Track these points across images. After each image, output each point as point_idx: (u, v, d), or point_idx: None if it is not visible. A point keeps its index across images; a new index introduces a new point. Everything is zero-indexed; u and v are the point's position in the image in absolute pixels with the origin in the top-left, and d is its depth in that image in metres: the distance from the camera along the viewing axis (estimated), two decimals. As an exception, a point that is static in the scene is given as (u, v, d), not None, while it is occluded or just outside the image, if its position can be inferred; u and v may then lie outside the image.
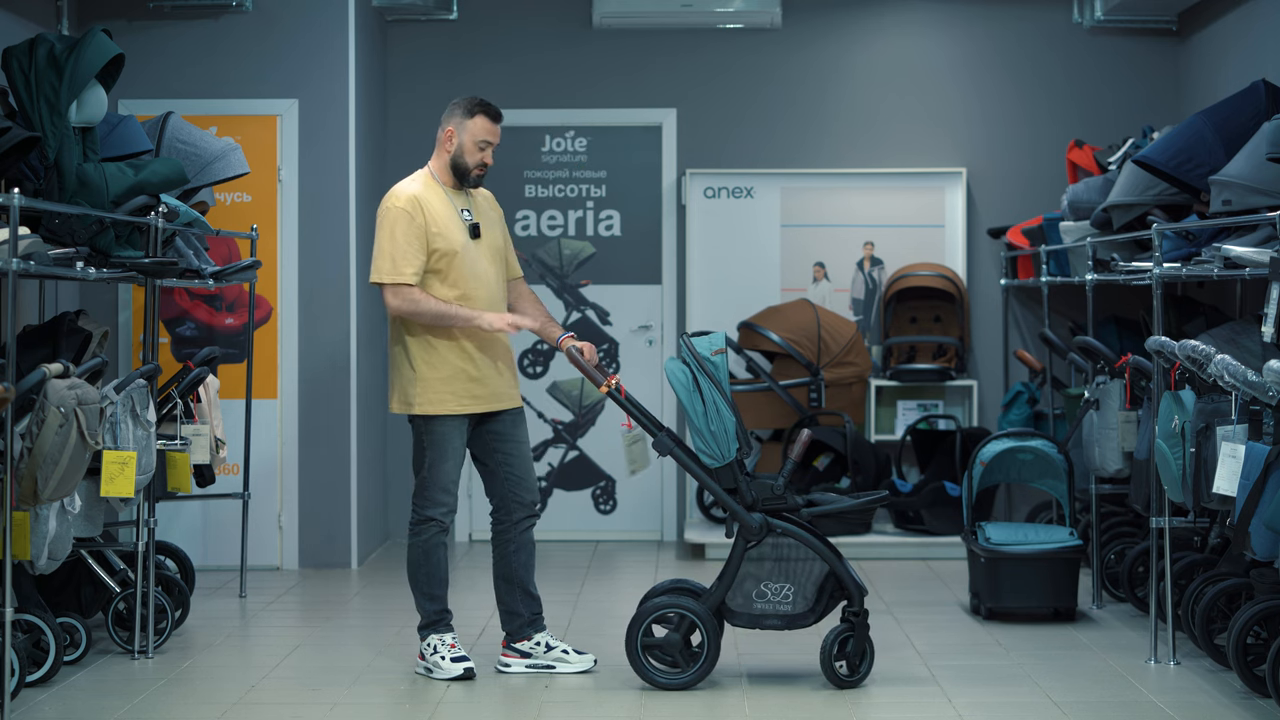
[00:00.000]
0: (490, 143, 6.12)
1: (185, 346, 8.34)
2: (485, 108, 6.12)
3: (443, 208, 6.07)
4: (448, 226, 6.04)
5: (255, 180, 8.33)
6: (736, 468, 5.88)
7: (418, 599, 6.15)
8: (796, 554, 5.86)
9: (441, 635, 6.11)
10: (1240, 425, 5.41)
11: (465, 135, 6.10)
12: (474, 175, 6.14)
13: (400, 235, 5.98)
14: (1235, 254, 5.84)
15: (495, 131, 6.14)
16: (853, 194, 9.40)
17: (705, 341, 5.92)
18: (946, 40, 9.49)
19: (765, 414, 8.95)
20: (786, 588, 5.87)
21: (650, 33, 9.42)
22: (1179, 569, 6.46)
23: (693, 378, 5.84)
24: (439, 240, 6.01)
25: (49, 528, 5.64)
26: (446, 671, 6.04)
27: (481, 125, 6.10)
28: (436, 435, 6.06)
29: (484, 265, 6.12)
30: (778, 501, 5.89)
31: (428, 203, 6.04)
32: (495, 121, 6.13)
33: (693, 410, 5.83)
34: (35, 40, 6.18)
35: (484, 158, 6.12)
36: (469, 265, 6.05)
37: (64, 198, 6.17)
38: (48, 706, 5.65)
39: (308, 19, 8.46)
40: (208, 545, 8.35)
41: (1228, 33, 8.56)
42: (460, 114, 6.11)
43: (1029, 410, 8.72)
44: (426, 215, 6.02)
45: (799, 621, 5.89)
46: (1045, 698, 5.74)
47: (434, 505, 6.12)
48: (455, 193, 6.15)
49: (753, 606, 5.87)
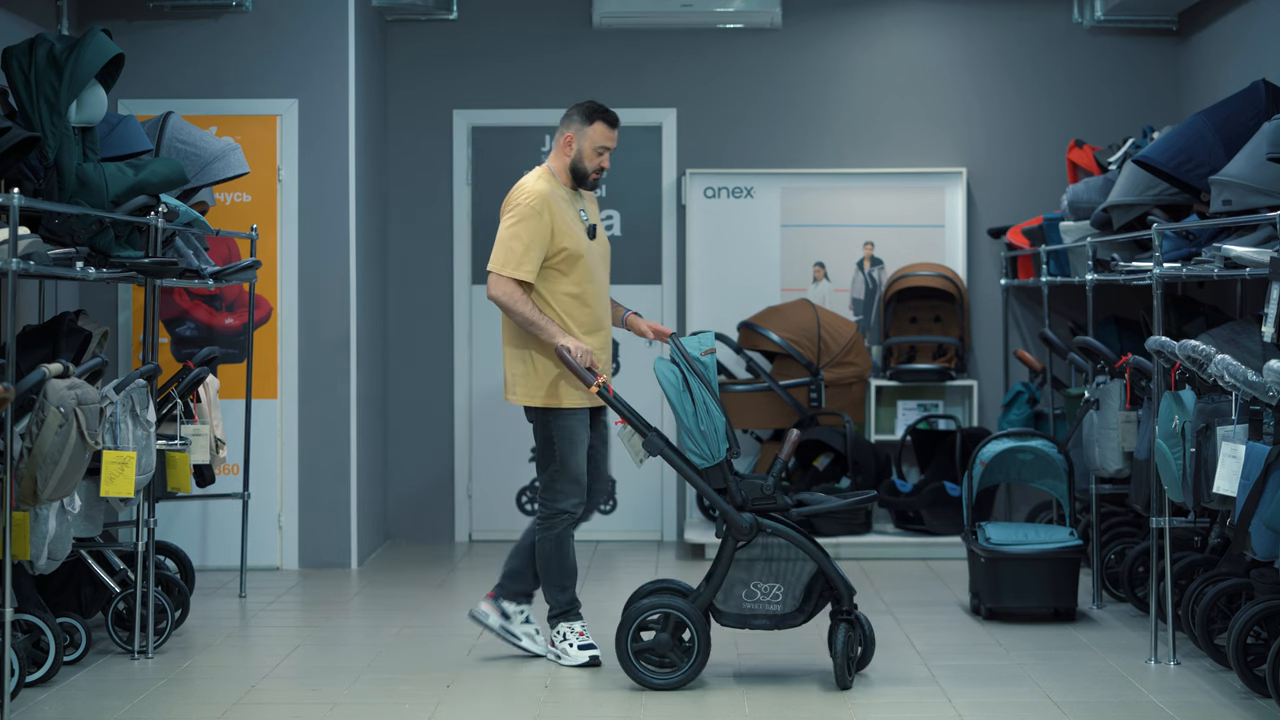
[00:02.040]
0: (608, 148, 6.32)
1: (185, 346, 8.34)
2: (603, 114, 6.30)
3: (566, 208, 6.27)
4: (571, 227, 6.24)
5: (255, 180, 8.33)
6: (726, 468, 5.90)
7: (548, 590, 6.28)
8: (786, 554, 5.88)
9: (571, 624, 6.27)
10: (1240, 425, 5.42)
11: (584, 141, 6.29)
12: (592, 179, 6.34)
13: (526, 233, 6.14)
14: (1235, 254, 5.84)
15: (613, 137, 6.33)
16: (853, 194, 9.40)
17: (695, 342, 5.95)
18: (946, 40, 9.49)
19: (765, 414, 8.95)
20: (776, 587, 5.89)
21: (650, 33, 9.42)
22: (1179, 569, 6.46)
23: (683, 378, 5.86)
24: (564, 239, 6.20)
25: (49, 528, 5.64)
26: (574, 658, 6.21)
27: (600, 131, 6.29)
28: (566, 428, 6.22)
29: (599, 266, 6.33)
30: (767, 501, 5.91)
31: (555, 202, 6.23)
32: (613, 127, 6.33)
33: (683, 410, 5.84)
34: (35, 40, 6.18)
35: (601, 162, 6.32)
36: (588, 266, 6.26)
37: (64, 198, 6.17)
38: (48, 706, 5.65)
39: (308, 19, 8.46)
40: (208, 545, 8.35)
41: (1228, 33, 8.56)
42: (579, 120, 6.30)
43: (1029, 410, 8.71)
44: (553, 215, 6.19)
45: (788, 621, 5.91)
46: (1045, 698, 5.74)
47: (566, 497, 6.23)
48: (573, 194, 6.35)
49: (742, 606, 5.89)
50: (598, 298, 6.31)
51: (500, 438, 9.41)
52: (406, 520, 9.42)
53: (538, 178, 6.29)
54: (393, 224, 9.44)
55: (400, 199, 9.44)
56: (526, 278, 6.13)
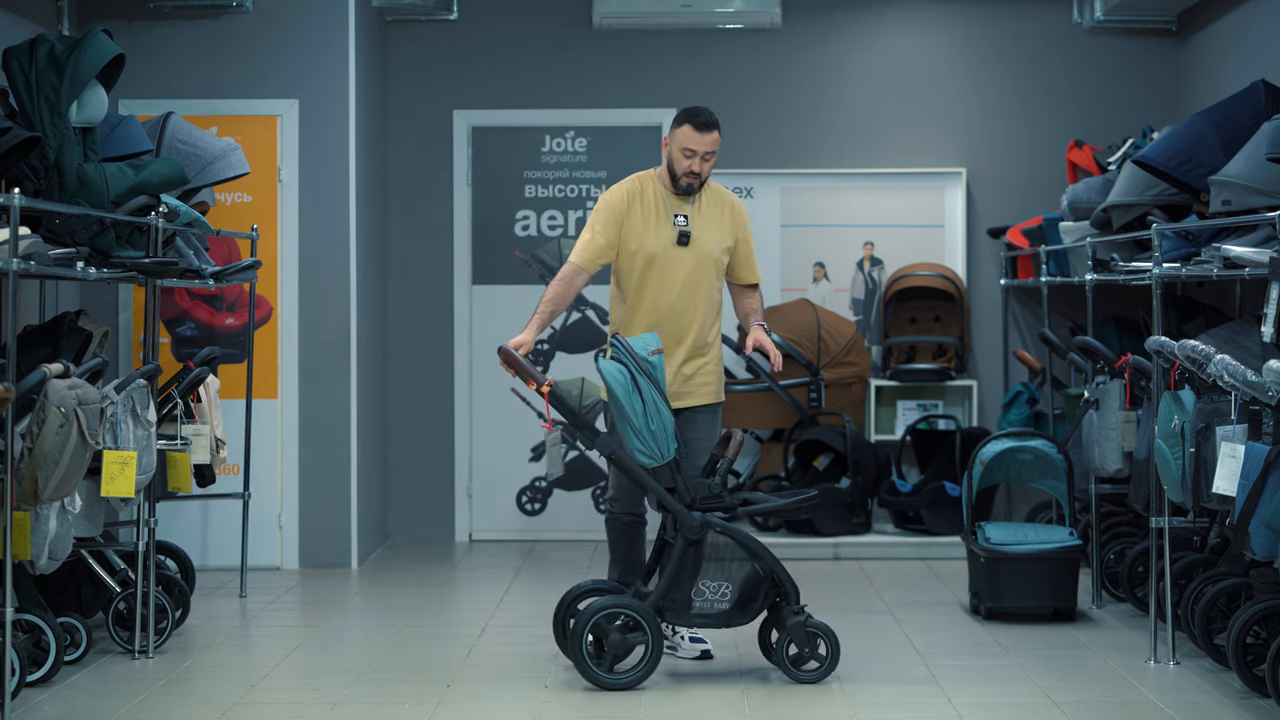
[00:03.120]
0: (694, 151, 6.27)
1: (185, 346, 8.34)
2: (690, 117, 6.30)
3: (655, 208, 6.33)
4: (650, 228, 6.31)
5: (255, 180, 8.33)
6: (674, 467, 5.92)
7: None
8: (734, 553, 5.90)
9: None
10: (1240, 425, 5.42)
11: (674, 143, 6.31)
12: (683, 182, 6.32)
13: (593, 220, 6.36)
14: (1235, 254, 5.84)
15: (698, 140, 6.26)
16: (853, 194, 9.40)
17: (640, 342, 5.99)
18: (946, 40, 9.49)
19: (765, 414, 8.96)
20: (724, 586, 5.91)
21: (650, 33, 9.42)
22: (1179, 569, 6.46)
23: (631, 378, 5.87)
24: (633, 240, 6.30)
25: (49, 528, 5.65)
26: (687, 651, 6.28)
27: (685, 134, 6.28)
28: None
29: (682, 273, 6.30)
30: (715, 501, 5.94)
31: (641, 200, 6.32)
32: (699, 131, 6.26)
33: (632, 410, 5.84)
34: (35, 40, 6.18)
35: (690, 165, 6.28)
36: (661, 270, 6.29)
37: (64, 198, 6.17)
38: (48, 706, 5.65)
39: (308, 19, 8.47)
40: (208, 545, 8.36)
41: (1228, 33, 8.56)
42: (674, 122, 6.33)
43: (1029, 410, 8.72)
44: (631, 211, 6.32)
45: (735, 620, 5.94)
46: (1045, 698, 5.74)
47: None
48: (676, 198, 6.36)
49: (691, 605, 5.91)
50: (672, 307, 6.29)
51: (500, 438, 9.41)
52: (406, 520, 9.42)
53: (636, 177, 6.43)
54: (393, 224, 9.44)
55: (400, 199, 9.44)
56: (574, 260, 6.32)
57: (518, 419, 9.38)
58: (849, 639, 6.23)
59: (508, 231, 9.46)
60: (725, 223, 6.41)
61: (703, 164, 6.28)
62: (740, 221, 6.47)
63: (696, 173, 6.28)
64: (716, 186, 6.46)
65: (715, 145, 6.28)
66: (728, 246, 6.41)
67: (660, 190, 6.36)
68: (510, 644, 6.64)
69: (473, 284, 9.43)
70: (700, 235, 6.33)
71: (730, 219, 6.43)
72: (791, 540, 8.63)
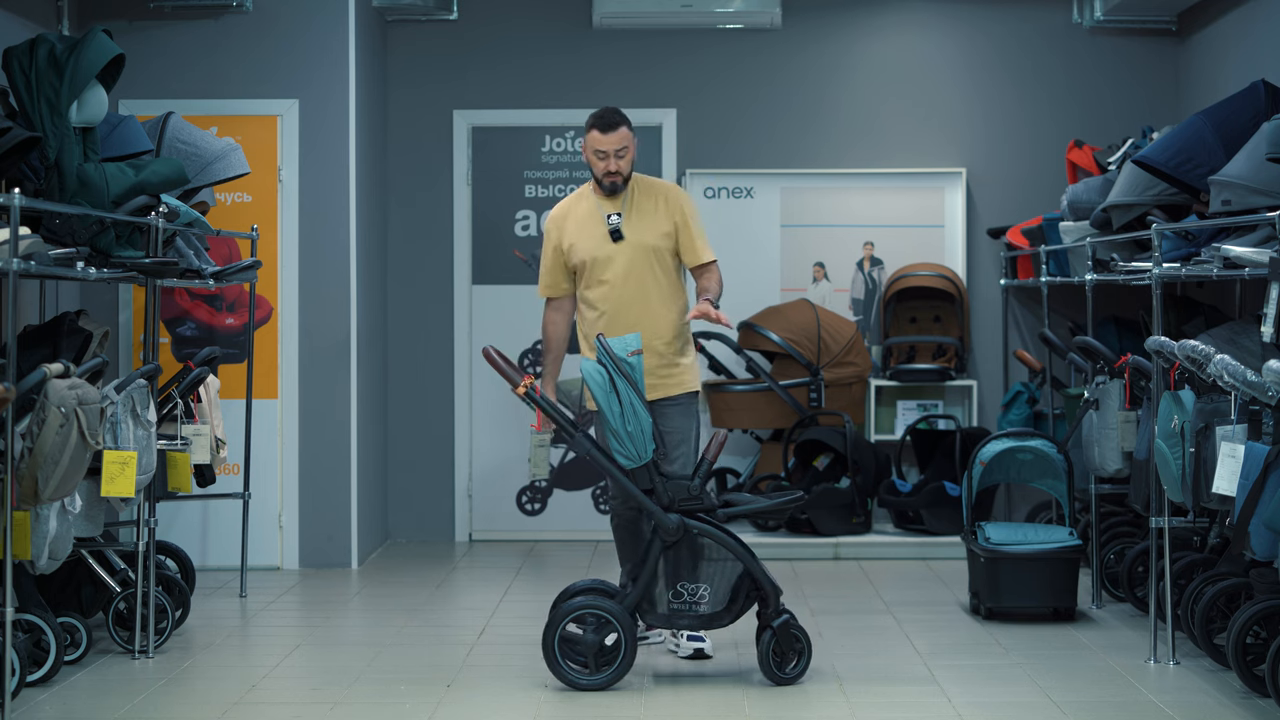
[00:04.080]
0: (605, 151, 6.41)
1: (186, 346, 8.34)
2: (595, 120, 6.45)
3: (586, 218, 6.49)
4: (584, 237, 6.45)
5: (255, 180, 8.33)
6: (652, 468, 5.92)
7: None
8: (713, 554, 5.90)
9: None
10: (1240, 425, 5.42)
11: (586, 149, 6.46)
12: (606, 183, 6.48)
13: (543, 253, 6.60)
14: (1235, 254, 5.84)
15: (605, 140, 6.41)
16: (853, 194, 9.40)
17: (620, 342, 5.98)
18: (946, 40, 9.49)
19: (765, 414, 8.96)
20: (703, 588, 5.91)
21: (650, 33, 9.42)
22: (1179, 569, 6.46)
23: (609, 378, 5.87)
24: (573, 254, 6.47)
25: (49, 527, 5.65)
26: (685, 649, 6.32)
27: (593, 137, 6.45)
28: None
29: (621, 267, 6.41)
30: (694, 502, 5.93)
31: (571, 217, 6.50)
32: (604, 131, 6.41)
33: (609, 411, 5.86)
34: (36, 40, 6.18)
35: (606, 165, 6.43)
36: (600, 269, 6.44)
37: (64, 198, 6.17)
38: (48, 706, 5.65)
39: (308, 19, 8.47)
40: (208, 545, 8.36)
41: (1228, 33, 8.56)
42: (585, 128, 6.46)
43: (1029, 410, 8.71)
44: (563, 231, 6.50)
45: (715, 621, 5.93)
46: (1045, 698, 5.74)
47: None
48: (608, 200, 6.50)
49: (669, 606, 5.90)
50: (619, 301, 6.39)
51: (500, 438, 9.41)
52: (406, 520, 9.42)
53: (574, 194, 6.62)
54: (393, 224, 9.44)
55: (400, 199, 9.44)
56: (544, 293, 6.59)
57: (517, 419, 9.38)
58: (849, 639, 6.24)
59: (508, 231, 9.46)
60: (660, 211, 6.50)
61: (618, 161, 6.41)
62: (675, 206, 6.53)
63: (614, 171, 6.42)
64: (647, 179, 6.58)
65: (624, 141, 6.41)
66: (666, 232, 6.48)
67: (594, 198, 6.51)
68: (510, 644, 6.64)
69: (473, 284, 9.43)
70: (635, 228, 6.44)
71: (664, 206, 6.51)
72: (791, 540, 8.64)
